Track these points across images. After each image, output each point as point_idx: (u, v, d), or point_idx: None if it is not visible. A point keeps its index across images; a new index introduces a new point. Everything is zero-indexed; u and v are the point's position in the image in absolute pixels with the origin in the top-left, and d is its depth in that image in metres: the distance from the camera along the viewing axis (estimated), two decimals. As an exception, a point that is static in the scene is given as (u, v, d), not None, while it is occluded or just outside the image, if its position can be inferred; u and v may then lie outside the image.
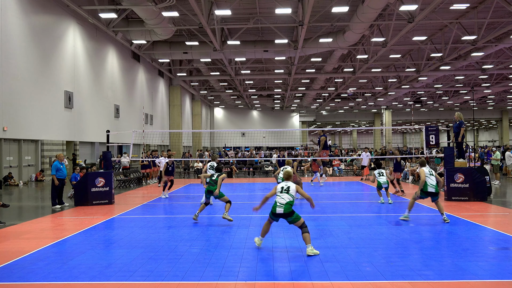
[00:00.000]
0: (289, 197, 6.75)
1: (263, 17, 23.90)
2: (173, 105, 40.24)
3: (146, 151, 28.31)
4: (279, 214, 6.75)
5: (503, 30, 23.13)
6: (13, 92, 17.92)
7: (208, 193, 9.30)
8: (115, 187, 15.62)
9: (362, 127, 32.97)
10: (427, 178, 9.12)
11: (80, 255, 6.59)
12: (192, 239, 7.64)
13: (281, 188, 6.93)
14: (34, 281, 5.35)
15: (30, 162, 20.11)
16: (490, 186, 13.20)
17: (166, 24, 21.95)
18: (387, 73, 37.61)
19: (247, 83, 44.85)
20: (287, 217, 6.73)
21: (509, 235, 7.61)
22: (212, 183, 9.28)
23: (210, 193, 9.25)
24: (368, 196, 14.40)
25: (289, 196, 6.76)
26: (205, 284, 5.19)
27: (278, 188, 6.94)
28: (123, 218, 10.22)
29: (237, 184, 19.64)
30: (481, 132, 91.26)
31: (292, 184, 6.96)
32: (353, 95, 15.56)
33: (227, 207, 9.19)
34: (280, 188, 6.94)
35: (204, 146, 49.14)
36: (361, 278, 5.30)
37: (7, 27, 17.50)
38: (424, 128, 13.42)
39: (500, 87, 43.91)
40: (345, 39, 24.33)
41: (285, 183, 6.98)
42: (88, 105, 24.45)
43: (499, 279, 5.26)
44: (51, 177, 11.92)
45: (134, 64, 31.80)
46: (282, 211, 6.69)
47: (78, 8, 19.90)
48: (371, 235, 7.76)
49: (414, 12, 19.94)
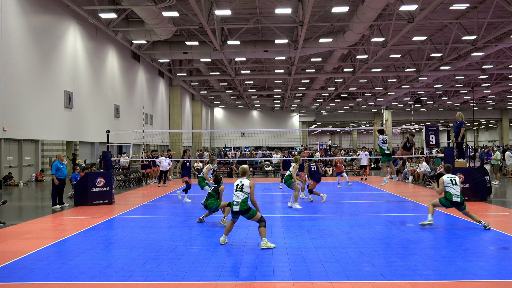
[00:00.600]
0: (244, 195, 7.03)
1: (263, 17, 23.90)
2: (173, 105, 40.24)
3: (146, 151, 28.30)
4: (236, 212, 7.03)
5: (503, 30, 23.12)
6: (13, 92, 17.92)
7: (206, 207, 9.05)
8: (115, 187, 15.61)
9: (362, 127, 32.97)
10: (450, 188, 8.36)
11: (80, 255, 6.59)
12: (192, 239, 7.64)
13: (236, 186, 7.17)
14: (34, 281, 5.35)
15: (30, 162, 20.11)
16: (490, 186, 13.20)
17: (166, 24, 21.95)
18: (387, 73, 37.60)
19: (247, 83, 44.85)
20: (244, 214, 7.00)
21: (509, 235, 7.61)
22: (214, 194, 8.99)
23: (207, 208, 9.00)
24: (368, 196, 14.40)
25: (243, 193, 7.04)
26: (205, 284, 5.19)
27: (234, 186, 7.21)
28: (123, 218, 10.22)
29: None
30: (481, 132, 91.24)
31: (246, 180, 7.17)
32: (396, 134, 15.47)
33: (226, 211, 8.93)
34: (235, 186, 7.19)
35: (204, 146, 49.15)
36: (361, 278, 5.30)
37: (7, 27, 17.50)
38: (424, 128, 13.42)
39: (500, 87, 43.90)
40: (345, 39, 24.33)
41: (240, 180, 7.20)
42: (88, 105, 24.45)
43: (499, 279, 5.26)
44: (51, 177, 11.93)
45: (134, 64, 31.81)
46: (238, 209, 7.00)
47: (78, 8, 19.90)
48: (371, 235, 7.76)
49: (414, 12, 19.93)
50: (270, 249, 6.78)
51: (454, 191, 8.34)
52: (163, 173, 18.96)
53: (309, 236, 7.75)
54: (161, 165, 18.84)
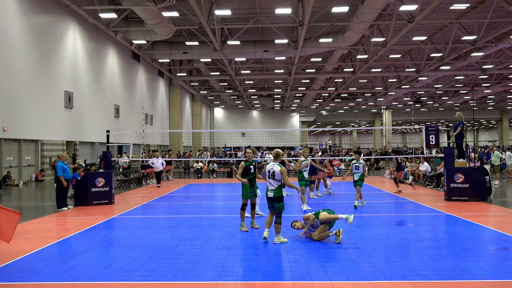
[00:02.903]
0: (277, 182, 7.19)
1: (263, 17, 23.90)
2: (173, 105, 40.24)
3: (147, 151, 28.29)
4: (270, 198, 7.21)
5: (503, 30, 23.13)
6: (13, 92, 17.92)
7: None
8: (115, 187, 15.61)
9: (362, 127, 32.99)
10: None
11: (80, 255, 6.59)
12: (192, 239, 7.63)
13: (268, 172, 7.30)
14: (34, 281, 5.35)
15: (30, 162, 20.11)
16: (490, 186, 13.20)
17: (166, 24, 21.95)
18: (387, 73, 37.61)
19: (247, 83, 44.86)
20: (276, 202, 7.16)
21: (509, 235, 7.61)
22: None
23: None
24: (368, 196, 14.39)
25: (275, 181, 7.20)
26: (205, 284, 5.19)
27: (267, 173, 7.33)
28: (123, 218, 10.22)
29: (237, 184, 19.63)
30: (481, 132, 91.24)
31: (277, 167, 7.26)
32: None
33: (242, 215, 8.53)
34: (267, 172, 7.31)
35: (204, 146, 49.16)
36: (361, 278, 5.30)
37: (7, 27, 17.50)
38: (424, 128, 13.42)
39: (500, 87, 43.91)
40: (345, 39, 24.33)
41: (271, 167, 7.31)
42: (88, 105, 24.45)
43: (499, 279, 5.26)
44: (55, 179, 11.59)
45: (134, 64, 31.81)
46: (272, 195, 7.16)
47: (78, 8, 19.90)
48: (371, 235, 7.76)
49: (414, 12, 19.94)
50: (270, 247, 6.78)
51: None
52: (158, 174, 18.67)
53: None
54: (155, 166, 18.64)
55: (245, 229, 8.21)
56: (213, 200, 13.92)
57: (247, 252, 6.62)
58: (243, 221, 8.38)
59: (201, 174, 24.10)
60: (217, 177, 24.28)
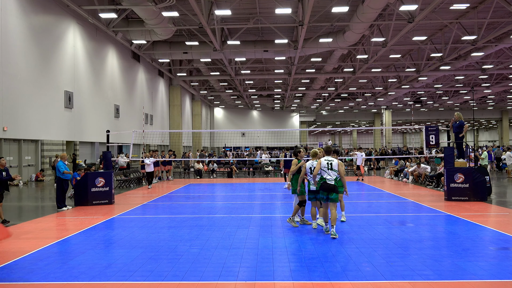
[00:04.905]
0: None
1: (263, 17, 23.90)
2: (173, 105, 40.24)
3: (148, 151, 28.25)
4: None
5: (503, 30, 23.12)
6: (13, 92, 17.92)
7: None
8: (115, 187, 15.61)
9: (362, 127, 32.99)
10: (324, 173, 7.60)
11: (80, 255, 6.59)
12: (192, 239, 7.63)
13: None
14: (34, 281, 5.35)
15: (30, 162, 20.11)
16: (490, 186, 13.20)
17: (166, 24, 21.95)
18: (387, 73, 37.60)
19: (247, 83, 44.85)
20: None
21: (509, 235, 7.61)
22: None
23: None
24: (368, 196, 14.40)
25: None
26: (205, 284, 5.19)
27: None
28: (123, 218, 10.22)
29: (237, 184, 19.64)
30: (481, 132, 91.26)
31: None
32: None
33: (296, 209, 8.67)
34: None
35: (204, 146, 49.16)
36: (361, 278, 5.30)
37: (7, 27, 17.50)
38: (424, 128, 13.42)
39: (500, 87, 43.91)
40: (345, 39, 24.33)
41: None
42: (88, 105, 24.45)
43: (499, 279, 5.26)
44: (55, 179, 11.60)
45: (134, 64, 31.80)
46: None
47: (78, 8, 19.90)
48: (371, 235, 7.76)
49: (414, 12, 19.94)
50: (270, 249, 6.78)
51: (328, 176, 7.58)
52: (149, 174, 17.84)
53: (309, 236, 7.75)
54: (150, 166, 17.68)
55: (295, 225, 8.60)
56: (213, 200, 13.92)
57: (247, 252, 6.62)
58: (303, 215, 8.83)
59: (201, 175, 24.11)
60: (217, 177, 24.29)
